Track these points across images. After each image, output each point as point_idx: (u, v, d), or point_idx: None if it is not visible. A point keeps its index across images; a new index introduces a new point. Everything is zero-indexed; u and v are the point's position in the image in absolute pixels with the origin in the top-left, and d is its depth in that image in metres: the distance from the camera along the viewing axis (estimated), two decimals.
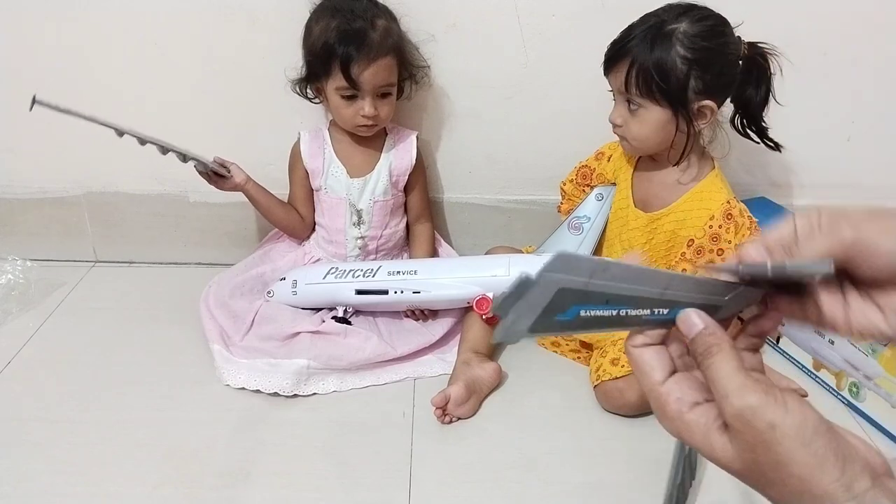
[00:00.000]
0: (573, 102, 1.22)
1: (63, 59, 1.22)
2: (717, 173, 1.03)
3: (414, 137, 1.21)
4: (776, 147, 1.03)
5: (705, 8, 0.95)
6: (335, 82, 1.08)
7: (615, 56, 0.96)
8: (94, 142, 1.29)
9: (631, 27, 0.96)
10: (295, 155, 1.22)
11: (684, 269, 1.00)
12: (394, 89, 1.13)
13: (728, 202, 1.00)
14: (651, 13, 0.96)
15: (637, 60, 0.93)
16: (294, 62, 1.14)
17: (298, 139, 1.22)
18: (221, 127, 1.28)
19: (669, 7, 0.96)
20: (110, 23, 1.19)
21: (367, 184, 1.20)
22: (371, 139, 1.19)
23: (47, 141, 1.30)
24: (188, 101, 1.26)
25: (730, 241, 0.98)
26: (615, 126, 1.01)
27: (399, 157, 1.20)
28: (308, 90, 1.16)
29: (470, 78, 1.22)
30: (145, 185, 1.33)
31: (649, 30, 0.94)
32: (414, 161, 1.21)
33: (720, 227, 0.99)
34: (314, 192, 1.23)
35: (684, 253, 1.01)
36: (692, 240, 1.01)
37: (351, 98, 1.10)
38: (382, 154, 1.20)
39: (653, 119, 0.96)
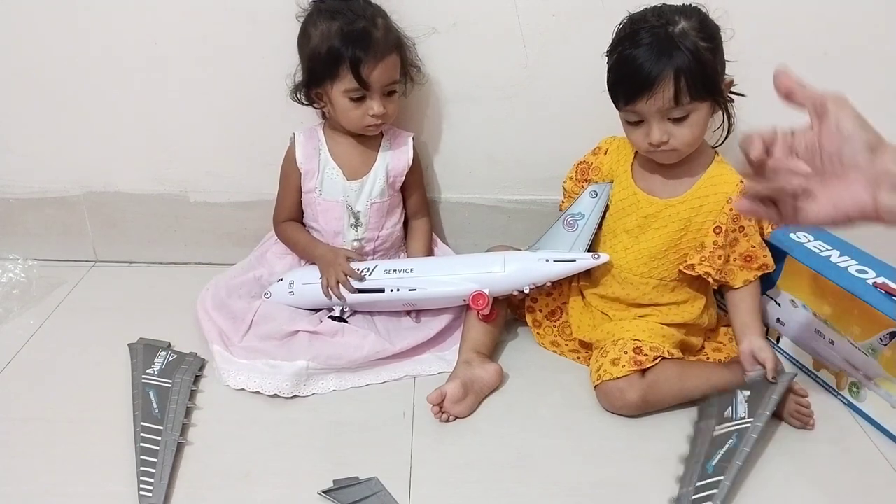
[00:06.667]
0: (573, 102, 1.22)
1: (63, 58, 1.22)
2: (720, 159, 1.07)
3: (410, 138, 1.21)
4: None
5: (670, 4, 1.00)
6: (343, 85, 1.08)
7: (650, 80, 0.94)
8: (94, 142, 1.30)
9: (636, 52, 0.95)
10: (290, 160, 1.19)
11: (720, 256, 1.03)
12: (399, 86, 1.13)
13: (742, 182, 1.03)
14: (636, 30, 0.97)
15: (682, 69, 0.94)
16: (294, 63, 1.14)
17: (293, 142, 1.19)
18: (222, 126, 1.28)
19: (647, 14, 0.99)
20: (110, 22, 1.19)
21: (365, 185, 1.19)
22: (368, 139, 1.19)
23: (47, 141, 1.30)
24: (189, 101, 1.26)
25: (749, 220, 1.03)
26: (660, 145, 0.99)
27: (396, 157, 1.20)
28: (309, 96, 1.14)
29: (470, 78, 1.22)
30: (145, 185, 1.33)
31: (664, 40, 0.95)
32: (411, 161, 1.20)
33: None
34: (304, 194, 1.20)
35: (716, 241, 1.03)
36: (720, 227, 1.04)
37: (359, 99, 1.09)
38: (379, 154, 1.19)
39: (702, 118, 0.99)
